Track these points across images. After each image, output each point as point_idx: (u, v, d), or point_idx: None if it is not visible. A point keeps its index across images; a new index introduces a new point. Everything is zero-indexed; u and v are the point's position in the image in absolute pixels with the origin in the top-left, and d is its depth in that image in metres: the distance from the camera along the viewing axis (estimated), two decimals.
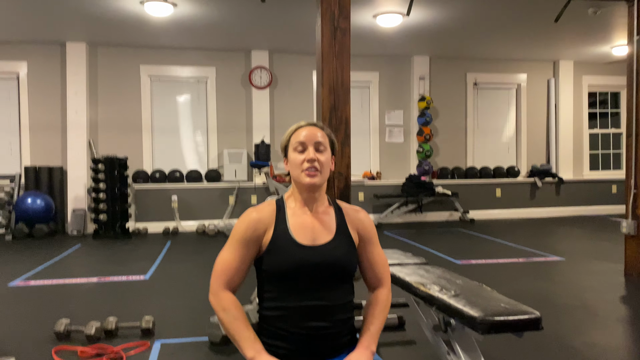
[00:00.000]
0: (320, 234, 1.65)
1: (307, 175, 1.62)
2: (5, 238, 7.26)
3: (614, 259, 5.48)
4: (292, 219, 1.66)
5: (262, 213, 1.68)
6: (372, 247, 1.73)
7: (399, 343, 3.12)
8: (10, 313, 3.77)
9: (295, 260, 1.60)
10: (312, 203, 1.69)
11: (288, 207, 1.69)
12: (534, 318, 1.82)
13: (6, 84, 7.88)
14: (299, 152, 1.65)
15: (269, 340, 1.63)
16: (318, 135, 1.66)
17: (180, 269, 5.26)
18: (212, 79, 8.38)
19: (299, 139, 1.65)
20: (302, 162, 1.63)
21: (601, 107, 10.11)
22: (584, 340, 3.12)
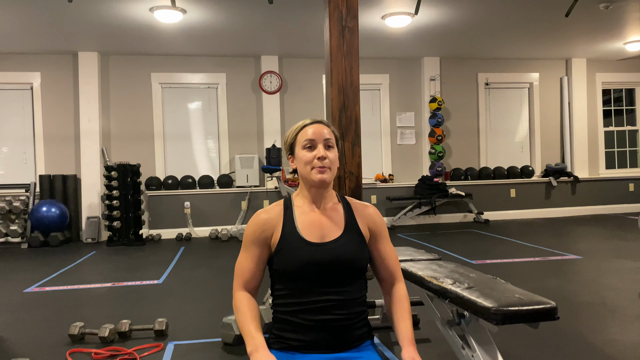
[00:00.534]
0: (328, 230, 1.64)
1: (317, 172, 1.61)
2: (21, 246, 7.34)
3: (633, 257, 5.38)
4: (300, 217, 1.65)
5: (270, 214, 1.67)
6: (383, 242, 1.71)
7: None
8: (25, 317, 3.80)
9: (305, 259, 1.58)
10: (321, 200, 1.68)
11: (296, 206, 1.69)
12: (549, 308, 1.77)
13: (21, 95, 8.00)
14: (308, 150, 1.64)
15: (284, 334, 1.62)
16: (325, 132, 1.66)
17: (193, 273, 5.26)
18: (222, 85, 8.43)
19: (308, 136, 1.64)
20: (312, 160, 1.62)
21: (616, 105, 9.97)
22: (603, 337, 3.05)
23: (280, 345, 1.64)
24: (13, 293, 4.58)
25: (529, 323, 1.79)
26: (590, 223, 8.20)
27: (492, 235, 7.27)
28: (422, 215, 8.79)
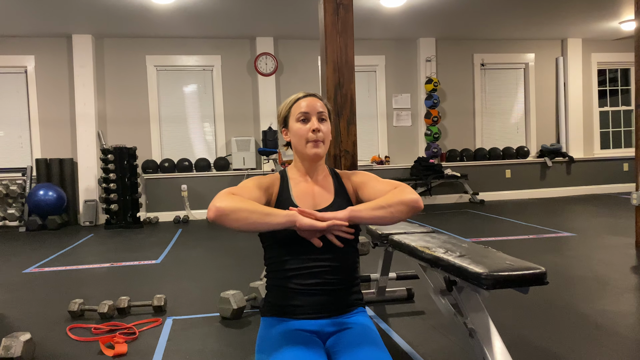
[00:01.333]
0: (320, 199, 1.69)
1: (312, 146, 1.64)
2: (19, 230, 7.37)
3: (625, 233, 5.44)
4: (294, 187, 1.70)
5: (268, 179, 1.72)
6: (372, 184, 1.69)
7: (408, 314, 3.13)
8: (25, 296, 3.84)
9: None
10: (313, 172, 1.73)
11: (290, 177, 1.73)
12: (538, 273, 1.81)
13: (15, 78, 7.96)
14: (302, 122, 1.66)
15: (277, 301, 1.66)
16: (319, 105, 1.68)
17: (191, 253, 5.31)
18: (217, 67, 8.40)
19: (301, 109, 1.67)
20: (306, 133, 1.65)
21: (611, 85, 9.99)
22: (594, 307, 3.11)
23: (273, 312, 1.68)
24: (12, 273, 4.62)
25: (518, 288, 1.83)
26: (584, 202, 8.27)
27: (487, 215, 7.34)
28: None
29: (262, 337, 1.63)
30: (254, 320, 3.11)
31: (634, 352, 2.43)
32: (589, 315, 2.98)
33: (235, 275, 4.26)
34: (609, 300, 3.25)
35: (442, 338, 2.71)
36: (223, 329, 2.98)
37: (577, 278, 3.79)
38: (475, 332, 1.97)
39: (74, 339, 2.89)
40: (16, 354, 2.47)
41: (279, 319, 1.66)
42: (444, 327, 2.86)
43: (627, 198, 8.50)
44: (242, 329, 2.96)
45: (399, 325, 2.93)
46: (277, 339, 1.56)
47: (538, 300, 3.28)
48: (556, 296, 3.36)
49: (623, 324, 2.82)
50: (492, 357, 1.89)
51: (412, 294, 3.41)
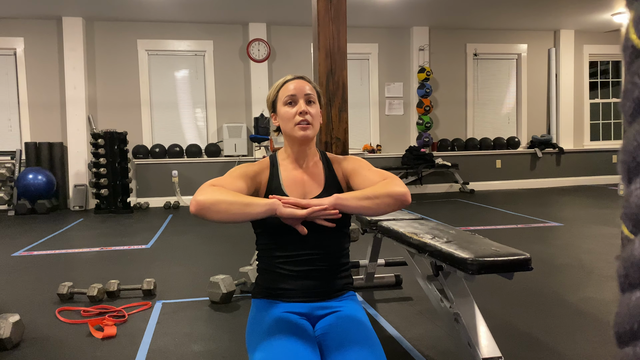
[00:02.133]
0: (310, 188, 1.69)
1: (300, 129, 1.62)
2: (8, 214, 7.33)
3: (611, 223, 5.52)
4: (284, 174, 1.69)
5: (257, 166, 1.71)
6: (364, 172, 1.67)
7: (395, 299, 3.17)
8: (13, 279, 3.84)
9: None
10: (303, 157, 1.71)
11: (280, 164, 1.72)
12: (523, 259, 1.84)
13: (4, 61, 7.86)
14: (290, 106, 1.65)
15: (268, 284, 1.67)
16: (307, 87, 1.66)
17: (181, 239, 5.31)
18: (209, 53, 8.34)
19: (289, 92, 1.65)
20: (294, 116, 1.63)
21: (602, 77, 10.05)
22: (578, 295, 3.16)
23: (263, 294, 1.70)
24: (1, 257, 4.61)
25: (503, 273, 1.87)
26: (573, 193, 8.35)
27: (476, 204, 7.39)
28: (408, 185, 8.88)
29: (252, 319, 1.65)
30: (243, 305, 3.14)
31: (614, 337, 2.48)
32: (573, 302, 3.03)
33: (224, 261, 4.28)
34: (593, 288, 3.30)
35: (429, 323, 2.75)
36: (212, 312, 3.01)
37: (563, 266, 3.84)
38: (461, 317, 2.00)
39: (63, 321, 2.90)
40: (5, 335, 2.47)
41: (269, 302, 1.67)
42: (430, 313, 2.90)
43: (615, 189, 8.60)
44: (232, 313, 2.98)
45: (387, 311, 2.97)
46: (267, 321, 1.58)
47: (523, 288, 3.33)
48: (541, 284, 3.41)
49: (606, 311, 2.87)
50: (476, 341, 1.92)
51: (400, 280, 3.45)
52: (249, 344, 1.57)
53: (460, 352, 2.28)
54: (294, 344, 1.47)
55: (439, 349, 2.39)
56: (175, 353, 2.43)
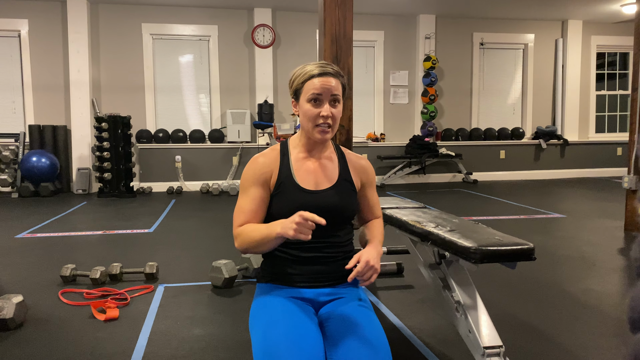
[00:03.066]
0: (322, 179, 1.68)
1: (319, 132, 1.60)
2: (12, 196, 7.35)
3: (615, 216, 5.50)
4: (296, 164, 1.68)
5: (267, 157, 1.69)
6: (371, 190, 1.80)
7: (397, 287, 3.18)
8: (17, 261, 3.85)
9: (298, 204, 1.62)
10: (317, 149, 1.70)
11: (292, 152, 1.70)
12: (526, 248, 1.84)
13: (8, 42, 7.84)
14: (313, 104, 1.59)
15: (274, 269, 1.68)
16: (333, 85, 1.59)
17: (184, 224, 5.33)
18: (214, 38, 8.30)
19: (316, 89, 1.58)
20: (316, 117, 1.59)
21: (609, 68, 9.96)
22: (580, 286, 3.16)
23: (269, 278, 1.70)
24: (4, 238, 4.63)
25: (506, 262, 1.86)
26: (576, 185, 8.33)
27: (479, 194, 7.38)
28: (411, 175, 8.87)
29: (256, 303, 1.66)
30: (245, 290, 3.15)
31: (615, 329, 2.48)
32: (574, 293, 3.03)
33: (227, 246, 4.29)
34: (594, 280, 3.30)
35: (430, 311, 2.75)
36: (214, 297, 3.02)
37: (565, 258, 3.84)
38: (462, 306, 2.01)
39: (66, 303, 2.92)
40: (8, 315, 2.49)
41: (274, 286, 1.68)
42: (432, 301, 2.90)
43: (619, 182, 8.57)
44: (233, 298, 3.00)
45: (388, 299, 2.97)
46: (272, 305, 1.59)
47: (525, 278, 3.33)
48: (543, 275, 3.41)
49: (607, 302, 2.87)
50: (477, 330, 1.92)
51: (402, 268, 3.45)
52: (253, 327, 1.57)
53: (461, 340, 2.29)
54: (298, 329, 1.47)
55: (440, 337, 2.40)
56: (176, 336, 2.44)
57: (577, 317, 2.66)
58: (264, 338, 1.47)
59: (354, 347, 1.44)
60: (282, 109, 8.51)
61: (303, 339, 1.44)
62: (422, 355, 2.21)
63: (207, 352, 2.26)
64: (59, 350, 2.29)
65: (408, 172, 8.71)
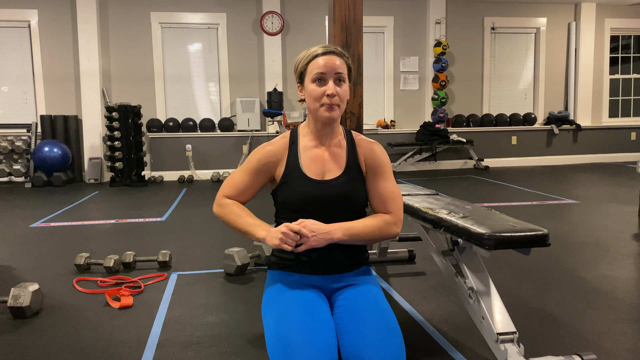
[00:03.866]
0: (330, 168, 1.65)
1: (325, 110, 1.58)
2: (25, 186, 7.43)
3: (629, 202, 5.45)
4: (304, 153, 1.66)
5: (275, 146, 1.68)
6: (382, 180, 1.68)
7: (409, 274, 3.17)
8: (32, 249, 3.90)
9: (304, 194, 1.61)
10: (326, 136, 1.67)
11: (301, 141, 1.69)
12: (541, 234, 1.82)
13: (18, 33, 7.87)
14: (318, 83, 1.58)
15: (284, 255, 1.67)
16: (337, 64, 1.57)
17: (196, 212, 5.35)
18: (223, 26, 8.27)
19: (319, 68, 1.56)
20: (321, 96, 1.57)
21: (623, 52, 9.80)
22: (593, 273, 3.14)
23: (280, 266, 1.70)
24: (19, 228, 4.68)
25: (520, 249, 1.85)
26: (589, 170, 8.25)
27: (491, 181, 7.33)
28: (422, 162, 8.83)
29: (268, 290, 1.67)
30: (257, 277, 3.16)
31: (629, 315, 2.46)
32: (588, 279, 3.01)
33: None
34: (608, 266, 3.27)
35: (442, 298, 2.75)
36: (227, 284, 3.04)
37: (578, 244, 3.81)
38: (475, 292, 2.00)
39: (80, 291, 2.95)
40: (25, 303, 2.52)
41: (285, 273, 1.68)
42: (444, 288, 2.90)
43: (633, 167, 8.47)
44: (246, 285, 3.01)
45: (400, 285, 2.98)
46: (284, 292, 1.59)
47: (538, 264, 3.31)
48: (556, 261, 3.39)
49: (621, 288, 2.85)
50: (491, 316, 1.92)
51: (414, 255, 3.45)
52: (265, 314, 1.58)
53: (474, 326, 2.29)
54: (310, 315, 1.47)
55: (453, 324, 2.40)
56: (190, 323, 2.46)
57: (590, 303, 2.64)
58: (276, 325, 1.47)
59: (367, 334, 1.44)
60: (291, 97, 8.48)
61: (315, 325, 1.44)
62: (435, 342, 2.21)
63: (221, 338, 2.28)
64: (75, 338, 2.32)
65: (419, 159, 8.68)
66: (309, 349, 1.36)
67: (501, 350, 1.83)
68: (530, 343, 2.16)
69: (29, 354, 2.16)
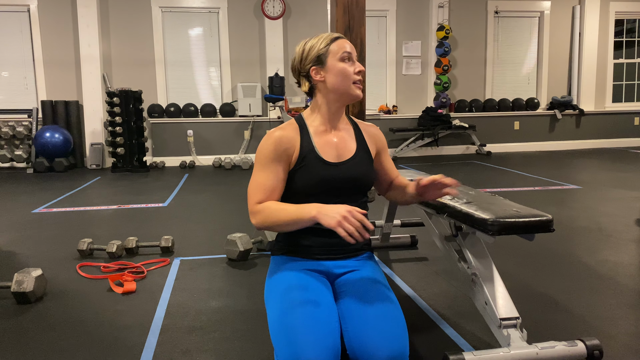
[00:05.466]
0: (343, 150, 1.68)
1: (356, 88, 1.63)
2: (27, 171, 7.43)
3: (632, 187, 5.43)
4: (316, 137, 1.67)
5: (286, 131, 1.67)
6: (385, 155, 1.83)
7: (411, 260, 3.18)
8: (34, 235, 3.91)
9: (322, 177, 1.62)
10: (336, 119, 1.71)
11: (310, 126, 1.69)
12: (545, 220, 1.81)
13: (18, 18, 7.81)
14: (347, 62, 1.62)
15: (289, 240, 1.68)
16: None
17: (198, 197, 5.35)
18: (223, 10, 8.19)
19: (346, 48, 1.62)
20: (352, 73, 1.62)
21: (628, 36, 9.70)
22: (596, 258, 3.14)
23: (283, 251, 1.70)
24: (22, 213, 4.69)
25: (524, 234, 1.84)
26: (592, 156, 8.22)
27: (493, 166, 7.31)
28: (424, 147, 8.80)
29: (271, 275, 1.67)
30: (260, 262, 3.17)
31: (631, 300, 2.46)
32: (591, 265, 3.01)
33: (241, 219, 4.31)
34: (611, 251, 3.27)
35: (445, 283, 2.76)
36: (229, 269, 3.04)
37: (581, 229, 3.81)
38: (478, 278, 2.00)
39: (84, 276, 2.96)
40: (28, 288, 2.53)
41: (289, 258, 1.68)
42: (446, 273, 2.90)
43: (637, 152, 8.44)
44: (249, 270, 3.02)
45: (402, 271, 2.98)
46: (287, 277, 1.59)
47: (541, 250, 3.31)
48: (559, 246, 3.39)
49: (623, 273, 2.85)
50: (494, 301, 1.92)
51: (416, 240, 3.45)
52: (268, 299, 1.58)
53: (477, 312, 2.29)
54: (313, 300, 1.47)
55: (455, 309, 2.40)
56: (193, 308, 2.47)
57: (593, 288, 2.64)
58: (279, 310, 1.47)
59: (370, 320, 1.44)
60: (292, 82, 8.43)
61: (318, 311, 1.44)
62: (438, 327, 2.22)
63: (224, 323, 2.29)
64: (78, 323, 2.33)
65: (421, 145, 8.65)
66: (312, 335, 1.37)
67: (504, 336, 1.83)
68: (533, 328, 2.16)
69: (32, 339, 2.17)
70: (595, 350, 1.82)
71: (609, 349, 1.96)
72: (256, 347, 2.05)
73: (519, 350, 1.78)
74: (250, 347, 2.05)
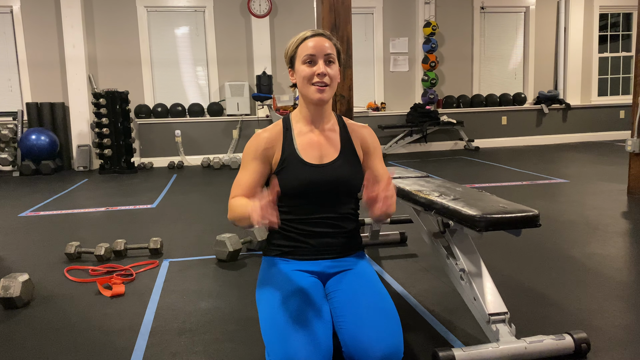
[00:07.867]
0: (326, 152, 1.66)
1: (316, 91, 1.59)
2: (13, 174, 7.35)
3: (618, 180, 5.49)
4: (299, 138, 1.66)
5: (270, 132, 1.68)
6: (376, 160, 1.75)
7: (400, 256, 3.19)
8: (21, 239, 3.87)
9: (304, 179, 1.61)
10: (319, 120, 1.68)
11: (294, 126, 1.68)
12: (531, 215, 1.83)
13: (0, 19, 7.71)
14: (308, 65, 1.59)
15: (280, 242, 1.68)
16: (327, 46, 1.60)
17: (187, 198, 5.33)
18: (209, 8, 8.15)
19: (308, 50, 1.59)
20: (312, 76, 1.58)
21: (612, 30, 9.79)
22: (583, 251, 3.17)
23: (275, 252, 1.70)
24: (8, 217, 4.64)
25: (511, 230, 1.85)
26: (579, 149, 8.29)
27: (481, 161, 7.35)
28: (413, 144, 8.83)
29: (263, 276, 1.67)
30: (249, 263, 3.16)
31: (618, 292, 2.49)
32: (578, 258, 3.04)
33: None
34: (597, 244, 3.31)
35: (434, 279, 2.77)
36: (219, 270, 3.03)
37: (568, 223, 3.84)
38: (467, 273, 2.01)
39: (72, 280, 2.93)
40: (15, 293, 2.50)
41: (281, 259, 1.68)
42: (435, 269, 2.91)
43: (622, 145, 8.52)
44: (238, 271, 3.01)
45: (392, 267, 2.99)
46: (278, 278, 1.59)
47: (528, 244, 3.34)
48: (546, 240, 3.42)
49: (610, 266, 2.88)
50: (482, 297, 1.93)
51: (405, 237, 3.46)
52: (260, 300, 1.58)
53: (466, 307, 2.30)
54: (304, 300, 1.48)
55: (445, 305, 2.41)
56: (183, 310, 2.46)
57: (580, 281, 2.67)
58: (271, 310, 1.47)
59: (365, 317, 1.44)
60: (280, 80, 8.41)
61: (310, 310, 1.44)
62: (428, 323, 2.23)
63: (215, 325, 2.28)
64: (67, 327, 2.31)
65: (409, 141, 8.67)
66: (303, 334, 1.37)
67: (493, 331, 1.85)
68: (521, 323, 2.18)
69: (20, 345, 2.15)
70: (583, 343, 1.84)
71: (596, 341, 1.98)
72: (247, 349, 2.05)
73: (507, 345, 1.79)
74: (241, 349, 2.05)
